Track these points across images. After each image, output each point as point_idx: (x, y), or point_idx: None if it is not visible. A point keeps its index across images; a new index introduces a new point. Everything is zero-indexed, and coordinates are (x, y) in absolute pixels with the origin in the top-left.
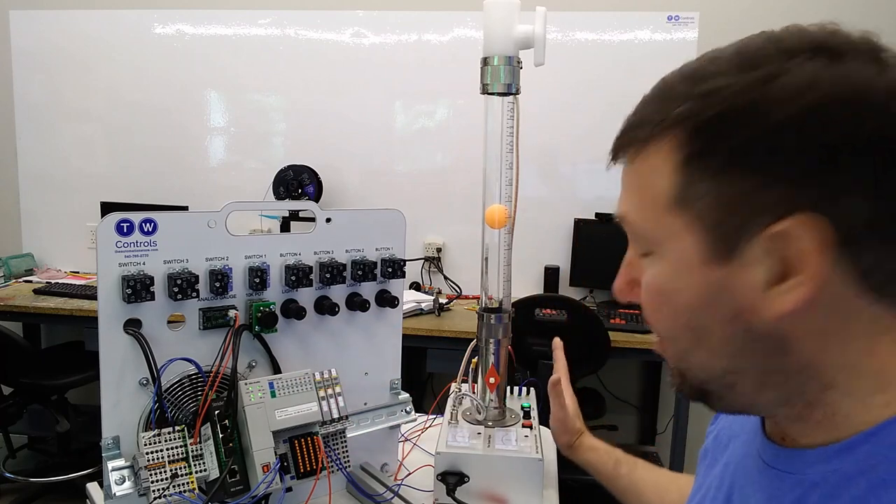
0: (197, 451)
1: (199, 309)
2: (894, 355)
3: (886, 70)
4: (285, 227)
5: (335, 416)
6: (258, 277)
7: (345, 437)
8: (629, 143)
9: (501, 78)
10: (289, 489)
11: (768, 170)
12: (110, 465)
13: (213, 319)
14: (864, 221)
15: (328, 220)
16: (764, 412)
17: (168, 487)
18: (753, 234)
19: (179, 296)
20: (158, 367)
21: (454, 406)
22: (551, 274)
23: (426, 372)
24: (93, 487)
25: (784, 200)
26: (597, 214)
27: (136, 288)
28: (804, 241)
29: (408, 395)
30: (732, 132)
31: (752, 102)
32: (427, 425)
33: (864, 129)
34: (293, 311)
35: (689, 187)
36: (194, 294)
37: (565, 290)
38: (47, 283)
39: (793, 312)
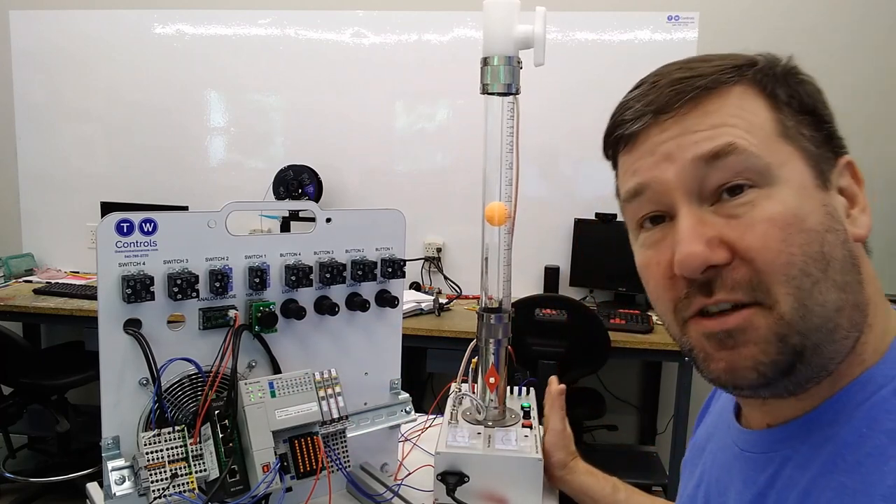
0: (197, 451)
1: (199, 309)
2: (884, 309)
3: None
4: (285, 227)
5: (335, 416)
6: (258, 277)
7: (345, 437)
8: (713, 83)
9: (501, 78)
10: (289, 489)
11: (828, 118)
12: (110, 465)
13: (213, 319)
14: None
15: (328, 220)
16: (834, 364)
17: (168, 487)
18: (831, 167)
19: (179, 296)
20: (158, 367)
21: (454, 406)
22: (551, 274)
23: (426, 372)
24: (93, 487)
25: (840, 143)
26: (597, 214)
27: (136, 288)
28: (850, 176)
29: (408, 395)
30: (800, 86)
31: (794, 69)
32: (427, 425)
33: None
34: (293, 311)
35: (785, 123)
36: (194, 294)
37: (565, 290)
38: (47, 283)
39: (865, 238)
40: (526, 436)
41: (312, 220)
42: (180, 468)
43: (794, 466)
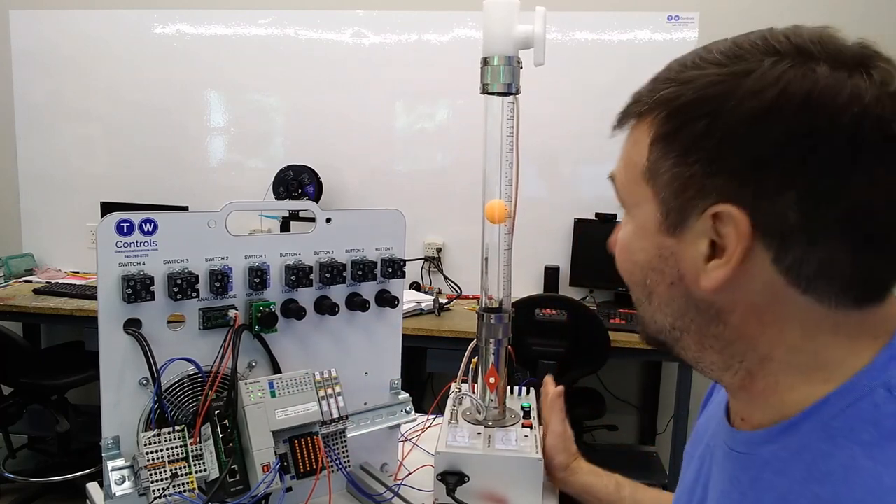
0: (197, 451)
1: (199, 309)
2: (832, 343)
3: (853, 79)
4: (285, 227)
5: (335, 416)
6: (258, 277)
7: (345, 437)
8: (626, 115)
9: (501, 78)
10: (289, 489)
11: (715, 159)
12: (110, 465)
13: (213, 319)
14: (790, 223)
15: (328, 220)
16: (711, 375)
17: (168, 487)
18: (697, 214)
19: (179, 296)
20: (158, 367)
21: (454, 406)
22: (551, 274)
23: (426, 372)
24: (93, 487)
25: (723, 189)
26: (597, 214)
27: (136, 288)
28: (731, 228)
29: (408, 395)
30: (696, 119)
31: (719, 95)
32: (427, 425)
33: (808, 135)
34: (293, 311)
35: (656, 163)
36: (194, 294)
37: (565, 290)
38: (47, 283)
39: (719, 288)
40: (526, 436)
41: (312, 220)
42: (180, 468)
43: (773, 471)
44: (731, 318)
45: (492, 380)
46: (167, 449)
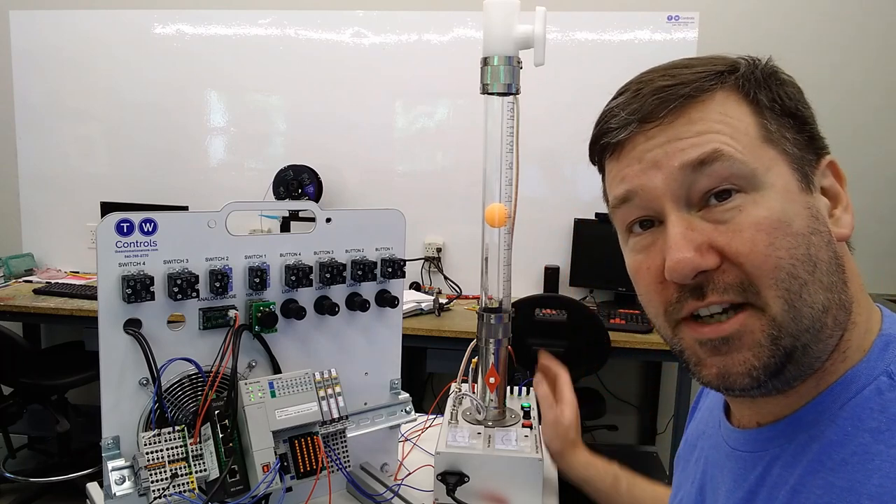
0: (197, 451)
1: (199, 309)
2: (864, 299)
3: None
4: (285, 227)
5: (335, 416)
6: (258, 277)
7: (345, 437)
8: (696, 91)
9: (501, 78)
10: (289, 489)
11: (810, 119)
12: (110, 465)
13: (213, 319)
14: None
15: (328, 220)
16: (819, 362)
17: (168, 487)
18: (814, 167)
19: (179, 296)
20: (158, 367)
21: (454, 406)
22: (551, 274)
23: (426, 372)
24: (93, 487)
25: (820, 141)
26: (597, 214)
27: (136, 288)
28: (834, 176)
29: (408, 395)
30: (781, 88)
31: (775, 71)
32: (427, 425)
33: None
34: (293, 311)
35: (768, 128)
36: (194, 294)
37: (565, 290)
38: (47, 283)
39: (848, 237)
40: (526, 436)
41: (312, 220)
42: (180, 468)
43: (783, 465)
44: (849, 275)
45: (492, 380)
46: (167, 449)
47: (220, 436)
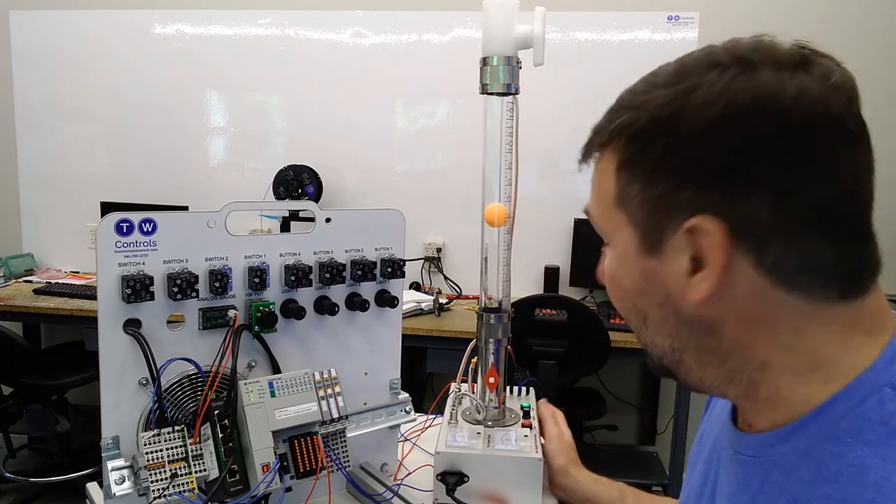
0: (197, 451)
1: (199, 309)
2: (825, 340)
3: (796, 78)
4: (285, 227)
5: (335, 415)
6: (258, 277)
7: (344, 436)
8: (590, 148)
9: (500, 78)
10: (288, 489)
11: (680, 174)
12: (110, 465)
13: (212, 319)
14: (763, 224)
15: (328, 220)
16: (716, 391)
17: (168, 487)
18: (673, 231)
19: (179, 296)
20: (158, 367)
21: (454, 406)
22: (551, 274)
23: (426, 372)
24: (93, 487)
25: (693, 202)
26: None
27: (136, 288)
28: (708, 239)
29: (407, 394)
30: (655, 140)
31: (671, 113)
32: (427, 425)
33: (763, 136)
34: (293, 311)
35: (625, 189)
36: (194, 294)
37: (565, 290)
38: (47, 283)
39: (707, 300)
40: (526, 436)
41: (312, 220)
42: (180, 468)
43: (782, 473)
44: (723, 329)
45: (491, 380)
46: (167, 449)
47: (220, 436)
